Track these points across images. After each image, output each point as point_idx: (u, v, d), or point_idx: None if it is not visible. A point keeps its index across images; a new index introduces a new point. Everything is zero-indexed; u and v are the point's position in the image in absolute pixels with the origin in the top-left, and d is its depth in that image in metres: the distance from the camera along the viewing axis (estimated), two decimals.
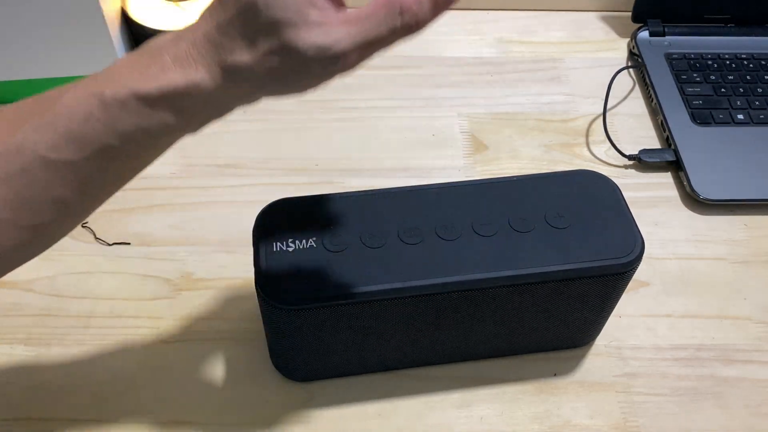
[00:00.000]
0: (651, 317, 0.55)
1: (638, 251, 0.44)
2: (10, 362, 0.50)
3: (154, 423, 0.48)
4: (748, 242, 0.60)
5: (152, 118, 0.32)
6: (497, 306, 0.44)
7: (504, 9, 0.79)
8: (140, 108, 0.32)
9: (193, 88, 0.32)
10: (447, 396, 0.50)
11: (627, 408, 0.50)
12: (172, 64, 0.32)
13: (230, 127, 0.66)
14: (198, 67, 0.31)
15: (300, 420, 0.48)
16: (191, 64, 0.31)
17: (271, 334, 0.46)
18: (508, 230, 0.44)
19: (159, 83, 0.31)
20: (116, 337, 0.52)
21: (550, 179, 0.47)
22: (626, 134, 0.68)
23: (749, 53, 0.72)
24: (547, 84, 0.72)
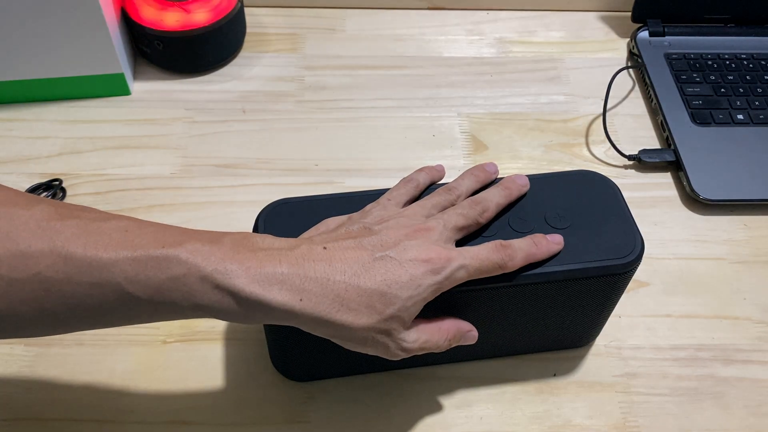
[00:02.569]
0: (651, 317, 0.55)
1: (638, 251, 0.44)
2: (10, 362, 0.50)
3: (154, 423, 0.48)
4: (748, 242, 0.60)
5: (232, 309, 0.34)
6: (497, 306, 0.44)
7: (504, 9, 0.79)
8: (229, 299, 0.34)
9: (283, 312, 0.35)
10: (447, 396, 0.50)
11: (627, 408, 0.50)
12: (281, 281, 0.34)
13: (230, 127, 0.66)
14: (304, 301, 0.35)
15: (300, 420, 0.48)
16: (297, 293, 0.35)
17: (271, 334, 0.46)
18: (508, 230, 0.44)
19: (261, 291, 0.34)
20: (116, 337, 0.52)
21: (550, 179, 0.47)
22: (626, 134, 0.68)
23: (749, 53, 0.72)
24: (547, 84, 0.72)
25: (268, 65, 0.72)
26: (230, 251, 0.35)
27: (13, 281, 0.32)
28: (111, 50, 0.64)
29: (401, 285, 0.36)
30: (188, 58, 0.69)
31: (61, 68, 0.65)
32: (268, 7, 0.77)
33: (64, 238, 0.33)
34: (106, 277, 0.33)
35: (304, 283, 0.35)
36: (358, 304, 0.36)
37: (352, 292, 0.35)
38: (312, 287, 0.35)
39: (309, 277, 0.35)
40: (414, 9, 0.78)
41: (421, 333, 0.39)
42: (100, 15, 0.61)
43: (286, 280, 0.34)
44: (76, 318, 0.34)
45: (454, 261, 0.38)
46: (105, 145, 0.64)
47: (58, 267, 0.32)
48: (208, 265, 0.34)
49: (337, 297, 0.35)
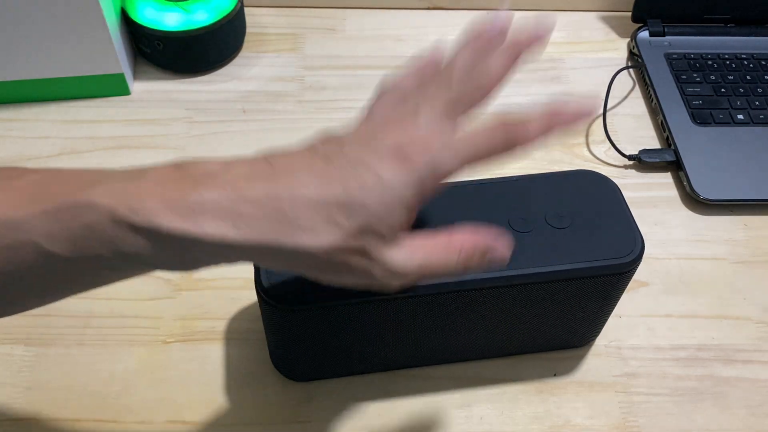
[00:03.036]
0: (651, 317, 0.55)
1: (638, 251, 0.44)
2: (10, 362, 0.50)
3: (154, 423, 0.48)
4: (748, 242, 0.60)
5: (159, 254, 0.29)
6: (497, 306, 0.44)
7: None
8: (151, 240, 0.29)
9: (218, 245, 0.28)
10: (447, 396, 0.50)
11: (627, 408, 0.50)
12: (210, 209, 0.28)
13: (230, 127, 0.66)
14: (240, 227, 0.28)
15: (300, 420, 0.48)
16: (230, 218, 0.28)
17: (271, 334, 0.46)
18: (508, 230, 0.44)
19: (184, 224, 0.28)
20: (116, 336, 0.52)
21: (550, 179, 0.47)
22: (626, 134, 0.68)
23: (749, 53, 0.72)
24: (547, 84, 0.72)
25: (268, 65, 0.72)
26: (151, 185, 0.29)
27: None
28: (111, 50, 0.64)
29: (366, 188, 0.29)
30: (188, 58, 0.69)
31: (61, 68, 0.65)
32: (268, 7, 0.77)
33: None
34: (20, 238, 0.29)
35: (238, 206, 0.28)
36: (313, 221, 0.28)
37: (303, 207, 0.28)
38: (249, 210, 0.28)
39: (245, 199, 0.28)
40: (414, 9, 0.78)
41: (416, 250, 0.31)
42: (100, 15, 0.61)
43: (216, 207, 0.28)
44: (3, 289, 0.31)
45: (434, 144, 0.30)
46: (105, 145, 0.64)
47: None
48: (120, 205, 0.28)
49: (283, 217, 0.28)
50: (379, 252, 0.30)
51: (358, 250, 0.29)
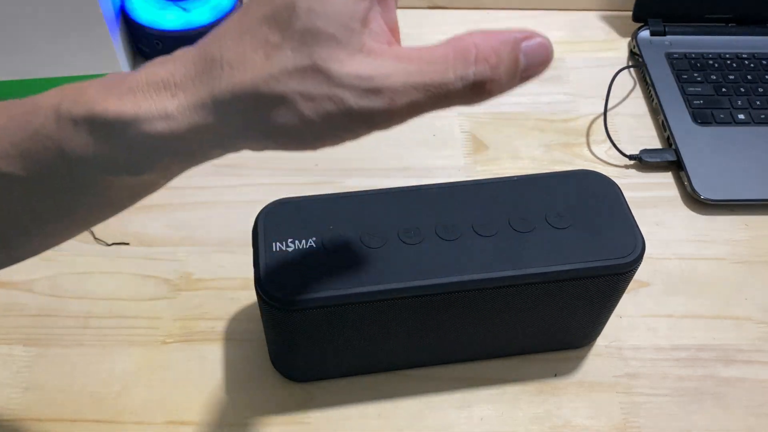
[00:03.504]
0: (651, 317, 0.55)
1: (639, 251, 0.43)
2: (9, 362, 0.50)
3: (154, 423, 0.47)
4: (749, 242, 0.60)
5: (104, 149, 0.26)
6: (498, 306, 0.44)
7: (504, 9, 0.79)
8: (93, 132, 0.25)
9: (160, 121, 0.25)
10: (447, 396, 0.50)
11: (627, 408, 0.50)
12: (145, 85, 0.25)
13: None
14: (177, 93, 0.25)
15: (300, 420, 0.48)
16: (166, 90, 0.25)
17: (271, 334, 0.46)
18: (508, 230, 0.44)
19: (120, 106, 0.25)
20: (115, 337, 0.52)
21: (550, 179, 0.47)
22: (627, 134, 0.68)
23: (750, 53, 0.72)
24: (548, 84, 0.72)
25: None
26: (95, 84, 0.26)
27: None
28: (111, 50, 0.64)
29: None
30: None
31: (61, 68, 0.65)
32: None
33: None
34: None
35: (174, 74, 0.25)
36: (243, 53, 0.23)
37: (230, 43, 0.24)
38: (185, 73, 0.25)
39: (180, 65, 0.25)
40: (414, 9, 0.78)
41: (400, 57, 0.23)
42: (99, 15, 0.61)
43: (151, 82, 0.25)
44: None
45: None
46: None
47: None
48: (64, 100, 0.26)
49: (214, 63, 0.24)
50: (339, 63, 0.23)
51: (310, 69, 0.23)
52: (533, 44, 0.25)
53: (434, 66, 0.23)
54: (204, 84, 0.24)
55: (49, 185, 0.27)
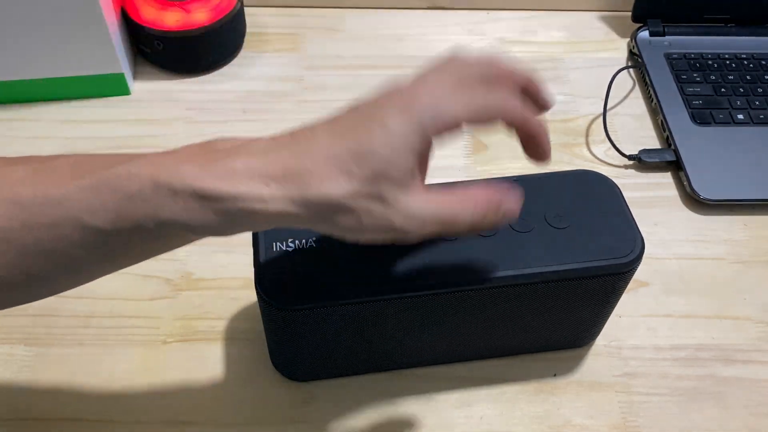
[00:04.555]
0: (651, 317, 0.55)
1: (638, 251, 0.44)
2: (10, 362, 0.50)
3: (154, 423, 0.48)
4: (748, 242, 0.60)
5: (198, 216, 0.31)
6: (497, 306, 0.44)
7: (504, 9, 0.79)
8: (190, 202, 0.31)
9: (253, 200, 0.31)
10: (447, 396, 0.50)
11: (627, 408, 0.50)
12: (241, 171, 0.31)
13: (230, 128, 0.66)
14: (271, 184, 0.31)
15: (300, 420, 0.48)
16: (261, 179, 0.31)
17: (271, 334, 0.46)
18: (508, 230, 0.44)
19: (220, 183, 0.30)
20: (116, 337, 0.52)
21: (550, 179, 0.47)
22: (626, 134, 0.68)
23: (749, 53, 0.72)
24: (548, 84, 0.72)
25: (268, 65, 0.72)
26: (185, 156, 0.32)
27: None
28: (111, 50, 0.64)
29: (374, 136, 0.31)
30: (188, 58, 0.69)
31: (61, 68, 0.65)
32: (268, 7, 0.77)
33: (11, 183, 0.31)
34: (62, 214, 0.31)
35: (268, 168, 0.31)
36: (330, 172, 0.31)
37: (321, 161, 0.31)
38: (278, 170, 0.31)
39: (273, 162, 0.31)
40: (414, 9, 0.78)
41: (431, 200, 0.33)
42: (100, 15, 0.61)
43: (249, 169, 0.31)
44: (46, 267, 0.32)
45: (435, 92, 0.33)
46: (105, 145, 0.64)
47: (12, 214, 0.31)
48: (161, 173, 0.31)
49: (306, 171, 0.31)
50: (395, 196, 0.32)
51: (375, 196, 0.31)
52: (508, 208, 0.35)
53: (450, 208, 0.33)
54: (296, 185, 0.31)
55: (129, 239, 0.32)
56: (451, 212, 0.33)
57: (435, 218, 0.33)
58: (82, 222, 0.31)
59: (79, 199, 0.31)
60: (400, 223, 0.32)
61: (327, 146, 0.31)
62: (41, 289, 0.34)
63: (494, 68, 0.35)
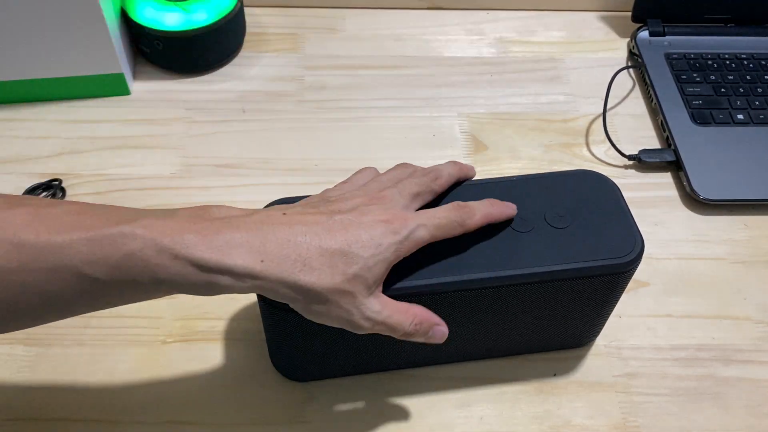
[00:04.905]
0: (651, 317, 0.55)
1: (638, 251, 0.44)
2: (10, 362, 0.50)
3: (154, 423, 0.48)
4: (748, 242, 0.60)
5: (192, 279, 0.34)
6: (497, 306, 0.44)
7: (504, 9, 0.79)
8: (188, 268, 0.33)
9: (245, 275, 0.34)
10: (447, 396, 0.50)
11: (627, 408, 0.50)
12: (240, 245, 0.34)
13: (230, 127, 0.66)
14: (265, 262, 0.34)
15: (300, 420, 0.48)
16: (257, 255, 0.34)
17: (271, 334, 0.46)
18: (508, 230, 0.44)
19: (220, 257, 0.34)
20: (116, 336, 0.52)
21: (550, 179, 0.47)
22: (626, 134, 0.68)
23: (749, 53, 0.72)
24: (547, 84, 0.72)
25: (268, 65, 0.72)
26: (186, 223, 0.34)
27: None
28: (111, 50, 0.64)
29: (362, 244, 0.36)
30: (188, 58, 0.69)
31: (61, 68, 0.65)
32: (268, 7, 0.77)
33: (15, 226, 0.32)
34: (62, 261, 0.32)
35: (264, 245, 0.34)
36: (321, 264, 0.35)
37: (314, 252, 0.35)
38: (273, 249, 0.35)
39: (269, 240, 0.35)
40: (414, 9, 0.78)
41: (386, 306, 0.39)
42: (99, 15, 0.61)
43: (246, 244, 0.34)
44: (38, 308, 0.34)
45: (411, 221, 0.39)
46: (105, 145, 0.64)
47: (11, 256, 0.32)
48: (164, 237, 0.33)
49: (298, 257, 0.35)
50: (363, 298, 0.37)
51: (349, 293, 0.36)
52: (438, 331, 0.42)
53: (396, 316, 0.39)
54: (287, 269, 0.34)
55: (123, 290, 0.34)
56: (396, 318, 0.39)
57: (383, 320, 0.38)
58: (79, 271, 0.33)
59: (80, 250, 0.32)
60: (357, 319, 0.37)
61: (321, 241, 0.36)
62: (27, 323, 0.35)
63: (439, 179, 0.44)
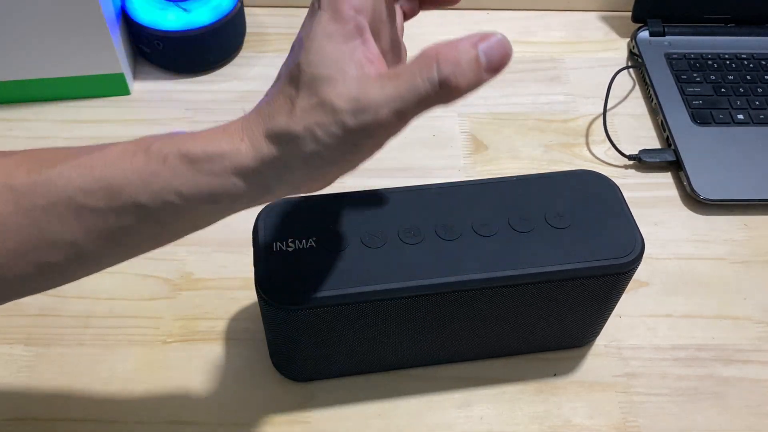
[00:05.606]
0: (651, 317, 0.55)
1: (638, 251, 0.44)
2: (10, 362, 0.50)
3: (154, 423, 0.48)
4: (748, 242, 0.60)
5: (189, 181, 0.31)
6: (497, 306, 0.44)
7: (504, 9, 0.79)
8: (180, 167, 0.31)
9: (236, 156, 0.31)
10: (447, 396, 0.50)
11: (627, 408, 0.50)
12: (221, 133, 0.32)
13: None
14: (244, 137, 0.31)
15: (300, 420, 0.48)
16: (238, 133, 0.32)
17: (271, 334, 0.46)
18: (508, 230, 0.44)
19: (205, 145, 0.31)
20: (116, 336, 0.52)
21: (550, 179, 0.47)
22: (626, 134, 0.68)
23: (749, 53, 0.72)
24: (547, 84, 0.72)
25: (269, 65, 0.72)
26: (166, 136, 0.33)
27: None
28: (111, 50, 0.64)
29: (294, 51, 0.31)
30: (188, 58, 0.69)
31: (61, 68, 0.65)
32: (268, 7, 0.77)
33: (7, 169, 0.31)
34: (55, 194, 0.31)
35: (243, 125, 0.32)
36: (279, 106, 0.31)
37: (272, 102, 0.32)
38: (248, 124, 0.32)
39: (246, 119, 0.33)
40: None
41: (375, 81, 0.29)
42: (100, 15, 0.61)
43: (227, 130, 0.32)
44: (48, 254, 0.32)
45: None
46: None
47: (6, 197, 0.31)
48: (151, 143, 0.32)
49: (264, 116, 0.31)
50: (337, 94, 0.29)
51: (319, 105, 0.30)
52: (491, 42, 0.29)
53: (404, 77, 0.29)
54: (259, 130, 0.31)
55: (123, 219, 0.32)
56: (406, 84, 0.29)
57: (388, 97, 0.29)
58: (76, 202, 0.31)
59: (71, 178, 0.31)
60: (352, 122, 0.29)
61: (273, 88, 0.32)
62: (47, 279, 0.34)
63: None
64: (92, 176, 0.31)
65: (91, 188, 0.31)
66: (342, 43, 0.30)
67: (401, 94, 0.29)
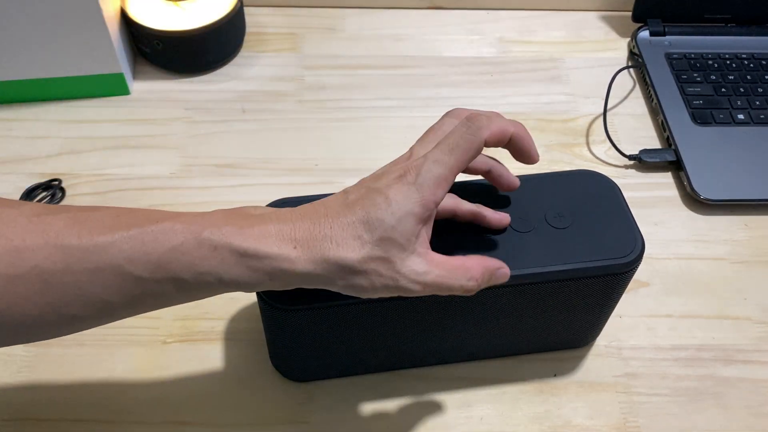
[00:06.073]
0: (651, 317, 0.55)
1: (638, 251, 0.43)
2: (9, 362, 0.50)
3: (154, 423, 0.48)
4: (749, 242, 0.60)
5: (233, 270, 0.34)
6: (497, 306, 0.44)
7: (504, 9, 0.79)
8: (228, 258, 0.34)
9: (282, 260, 0.35)
10: (447, 396, 0.50)
11: (627, 408, 0.50)
12: (274, 234, 0.35)
13: (230, 127, 0.66)
14: (297, 246, 0.35)
15: (300, 420, 0.48)
16: (289, 242, 0.35)
17: (271, 334, 0.46)
18: (508, 230, 0.44)
19: (257, 244, 0.34)
20: (116, 337, 0.52)
21: (550, 179, 0.47)
22: (626, 134, 0.68)
23: (749, 53, 0.72)
24: (548, 84, 0.72)
25: (268, 65, 0.72)
26: (222, 218, 0.36)
27: (12, 278, 0.32)
28: (111, 50, 0.64)
29: (379, 206, 0.36)
30: (188, 58, 0.69)
31: (61, 68, 0.65)
32: (267, 6, 0.77)
33: (57, 229, 0.33)
34: (105, 261, 0.33)
35: (295, 233, 0.36)
36: (345, 237, 0.36)
37: (337, 228, 0.36)
38: (302, 235, 0.36)
39: (298, 228, 0.36)
40: (414, 9, 0.78)
41: (434, 265, 0.37)
42: (99, 15, 0.61)
43: (278, 233, 0.35)
44: (81, 310, 0.34)
45: (418, 161, 0.37)
46: (104, 145, 0.64)
47: (56, 258, 0.32)
48: (203, 230, 0.34)
49: (325, 237, 0.35)
50: (401, 260, 0.36)
51: (383, 259, 0.36)
52: (501, 273, 0.40)
53: (451, 275, 0.37)
54: (317, 249, 0.35)
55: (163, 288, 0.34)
56: (449, 277, 0.37)
57: (435, 280, 0.37)
58: (123, 270, 0.33)
59: (122, 249, 0.33)
60: (404, 284, 0.36)
61: (342, 217, 0.36)
62: (70, 328, 0.36)
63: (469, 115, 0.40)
64: (143, 250, 0.33)
65: (140, 260, 0.33)
66: (418, 223, 0.36)
67: (442, 285, 0.37)
